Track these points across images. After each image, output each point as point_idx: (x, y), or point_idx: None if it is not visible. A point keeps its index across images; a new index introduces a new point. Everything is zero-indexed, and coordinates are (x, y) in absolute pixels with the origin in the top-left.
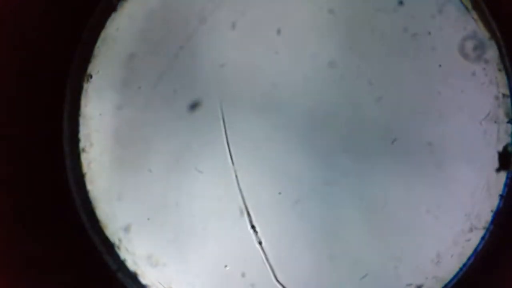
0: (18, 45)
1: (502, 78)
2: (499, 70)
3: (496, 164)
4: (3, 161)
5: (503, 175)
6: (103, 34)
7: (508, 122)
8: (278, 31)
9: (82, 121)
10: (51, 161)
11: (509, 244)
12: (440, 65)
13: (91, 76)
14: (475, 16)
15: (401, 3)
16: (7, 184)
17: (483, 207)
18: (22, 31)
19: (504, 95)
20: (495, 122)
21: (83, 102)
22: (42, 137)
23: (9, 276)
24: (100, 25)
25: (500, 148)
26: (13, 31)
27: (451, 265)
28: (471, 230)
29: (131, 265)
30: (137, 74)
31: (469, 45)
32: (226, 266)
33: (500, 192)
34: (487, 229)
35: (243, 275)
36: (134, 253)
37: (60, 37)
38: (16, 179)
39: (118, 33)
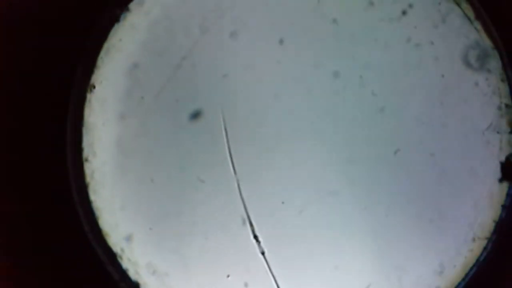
0: (22, 55)
1: (504, 88)
2: (502, 80)
3: (498, 174)
4: (6, 170)
5: (505, 186)
6: (106, 45)
7: (510, 132)
8: (281, 41)
9: (85, 130)
10: (54, 170)
11: (511, 254)
12: (443, 75)
13: (94, 86)
14: (478, 26)
15: (404, 13)
16: (10, 193)
17: (486, 217)
18: (26, 42)
19: (506, 106)
20: (498, 132)
21: (86, 112)
22: (45, 146)
23: (10, 285)
24: (103, 36)
25: (503, 159)
26: (16, 42)
27: (454, 276)
28: (474, 240)
29: (133, 275)
30: (139, 84)
31: (472, 55)
32: (228, 276)
33: (503, 203)
34: (490, 239)
35: (245, 285)
36: (136, 263)
37: (64, 47)
38: (19, 188)
39: (121, 44)
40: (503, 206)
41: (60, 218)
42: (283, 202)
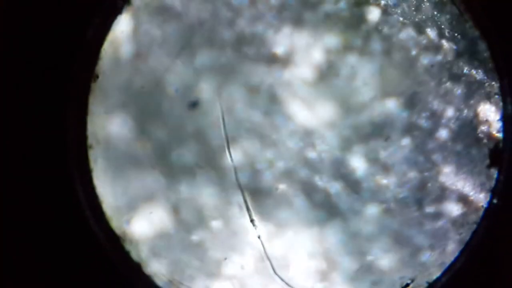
0: (28, 44)
1: (493, 77)
2: (491, 69)
3: (487, 160)
4: (10, 158)
5: (494, 172)
6: (109, 37)
7: (498, 120)
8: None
9: (89, 119)
10: (58, 158)
11: (499, 239)
12: (432, 65)
13: (97, 77)
14: (467, 16)
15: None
16: (12, 180)
17: (475, 202)
18: (31, 32)
19: (495, 94)
20: (486, 120)
21: (90, 101)
22: (50, 134)
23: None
24: (106, 28)
25: (491, 145)
26: (20, 32)
27: (442, 259)
28: (462, 225)
29: (135, 256)
30: (140, 74)
31: (461, 45)
32: (225, 258)
33: (491, 188)
34: (478, 224)
35: (242, 267)
36: (138, 245)
37: (66, 37)
38: (22, 176)
39: (123, 35)
40: (492, 192)
41: (61, 202)
42: (278, 189)
